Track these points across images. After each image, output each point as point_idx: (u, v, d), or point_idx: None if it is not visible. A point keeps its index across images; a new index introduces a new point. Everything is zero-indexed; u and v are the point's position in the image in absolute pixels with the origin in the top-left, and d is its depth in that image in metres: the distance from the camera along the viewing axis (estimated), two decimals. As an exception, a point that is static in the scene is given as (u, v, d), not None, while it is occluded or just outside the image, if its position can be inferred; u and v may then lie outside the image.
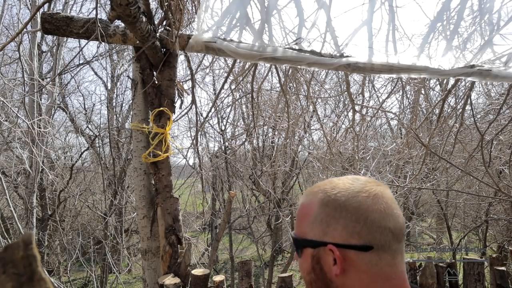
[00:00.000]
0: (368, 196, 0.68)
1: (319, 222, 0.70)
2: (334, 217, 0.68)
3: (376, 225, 0.66)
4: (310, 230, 0.71)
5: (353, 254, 0.67)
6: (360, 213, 0.67)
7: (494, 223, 6.18)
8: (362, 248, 0.66)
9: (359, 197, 0.68)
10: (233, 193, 3.04)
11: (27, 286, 0.38)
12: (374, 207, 0.67)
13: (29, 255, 0.39)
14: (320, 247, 0.69)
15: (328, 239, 0.68)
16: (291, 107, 4.91)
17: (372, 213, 0.67)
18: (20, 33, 2.46)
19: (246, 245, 11.80)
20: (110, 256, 6.29)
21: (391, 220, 0.68)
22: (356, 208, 0.67)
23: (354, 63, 1.87)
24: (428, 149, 3.20)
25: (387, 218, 0.67)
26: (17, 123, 4.55)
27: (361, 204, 0.67)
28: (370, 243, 0.66)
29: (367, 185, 0.71)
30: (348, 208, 0.68)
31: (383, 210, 0.67)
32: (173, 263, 1.71)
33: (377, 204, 0.68)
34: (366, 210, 0.67)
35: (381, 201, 0.68)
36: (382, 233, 0.66)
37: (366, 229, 0.66)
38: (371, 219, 0.67)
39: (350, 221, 0.67)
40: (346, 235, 0.67)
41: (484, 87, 5.55)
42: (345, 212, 0.68)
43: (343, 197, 0.69)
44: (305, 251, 0.72)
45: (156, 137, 1.78)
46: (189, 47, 1.82)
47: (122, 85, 9.36)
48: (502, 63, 1.99)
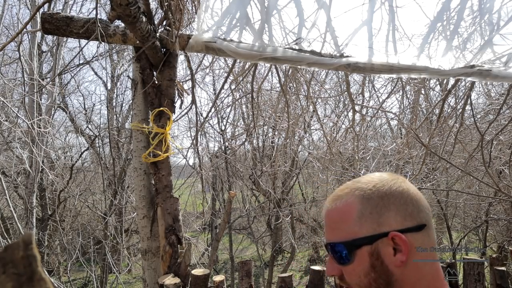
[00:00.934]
0: (402, 181, 0.72)
1: (368, 216, 0.68)
2: (384, 206, 0.68)
3: (420, 204, 0.69)
4: (360, 228, 0.68)
5: (410, 236, 0.67)
6: (406, 195, 0.69)
7: (494, 223, 6.18)
8: (418, 228, 0.67)
9: (397, 183, 0.71)
10: (233, 193, 3.04)
11: (27, 286, 0.38)
12: (412, 189, 0.71)
13: (29, 255, 0.39)
14: (378, 240, 0.67)
15: (386, 228, 0.67)
16: (291, 107, 4.91)
17: (413, 194, 0.70)
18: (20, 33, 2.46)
19: (246, 245, 11.80)
20: (110, 256, 6.29)
21: (424, 199, 0.71)
22: (400, 192, 0.69)
23: (354, 63, 1.87)
24: (428, 149, 3.20)
25: (422, 198, 0.71)
26: (17, 123, 4.55)
27: (402, 188, 0.70)
28: (422, 221, 0.68)
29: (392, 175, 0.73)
30: (394, 194, 0.69)
31: (417, 192, 0.71)
32: (173, 263, 1.71)
33: (412, 187, 0.71)
34: (408, 193, 0.69)
35: (410, 184, 0.72)
36: (424, 211, 0.70)
37: (416, 209, 0.69)
38: (415, 199, 0.69)
39: (400, 204, 0.68)
40: (401, 219, 0.67)
41: (484, 87, 5.55)
42: (392, 198, 0.68)
43: (383, 187, 0.70)
44: (360, 252, 0.68)
45: (156, 137, 1.78)
46: (189, 47, 1.82)
47: (122, 85, 9.38)
48: (502, 63, 1.99)
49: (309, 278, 1.77)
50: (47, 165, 7.30)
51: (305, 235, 10.33)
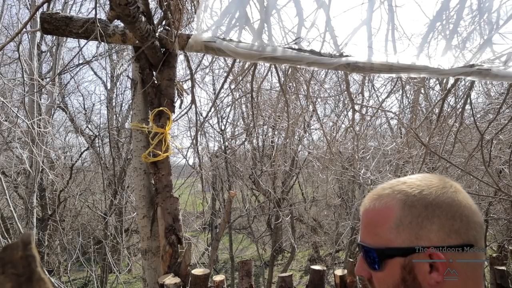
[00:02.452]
0: (455, 191, 0.63)
1: (407, 225, 0.62)
2: (427, 217, 0.61)
3: (470, 221, 0.61)
4: (396, 237, 0.62)
5: (452, 256, 0.60)
6: (455, 209, 0.61)
7: (494, 222, 6.18)
8: (462, 248, 0.60)
9: (448, 193, 0.63)
10: (233, 193, 3.04)
11: (26, 286, 0.38)
12: (464, 202, 0.63)
13: (28, 255, 0.39)
14: (414, 254, 0.61)
15: (424, 242, 0.61)
16: (291, 106, 4.91)
17: (465, 208, 0.62)
18: (19, 33, 2.46)
19: (246, 245, 11.81)
20: (110, 256, 6.30)
21: (478, 215, 0.63)
22: (450, 204, 0.61)
23: (354, 62, 1.87)
24: (428, 149, 3.20)
25: (475, 212, 0.63)
26: (17, 123, 4.55)
27: (453, 200, 0.62)
28: (469, 241, 0.61)
29: (446, 180, 0.66)
30: (442, 205, 0.61)
31: (470, 205, 0.63)
32: (173, 263, 1.71)
33: (465, 198, 0.63)
34: (459, 206, 0.62)
35: (465, 195, 0.64)
36: (475, 228, 0.62)
37: (464, 226, 0.61)
38: (466, 214, 0.61)
39: (446, 219, 0.60)
40: (444, 235, 0.60)
41: (483, 86, 5.55)
42: (438, 210, 0.61)
43: (431, 195, 0.62)
44: (391, 262, 0.63)
45: (156, 137, 1.78)
46: (188, 46, 1.82)
47: (122, 85, 9.38)
48: (501, 63, 1.99)
49: (309, 278, 1.77)
50: (47, 165, 7.30)
51: (305, 235, 10.34)
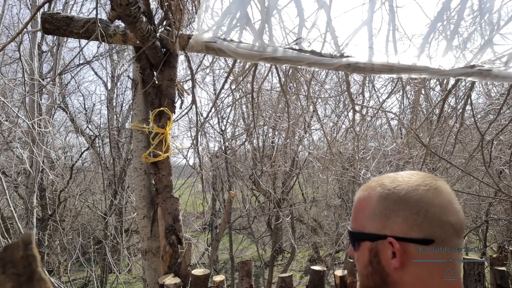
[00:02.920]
0: (429, 189, 0.68)
1: (378, 215, 0.69)
2: (394, 210, 0.68)
3: (437, 219, 0.66)
4: (368, 224, 0.71)
5: (412, 247, 0.66)
6: (421, 205, 0.66)
7: (494, 223, 6.18)
8: (423, 242, 0.65)
9: (419, 190, 0.68)
10: (233, 193, 3.04)
11: (27, 286, 0.38)
12: (435, 200, 0.67)
13: (28, 255, 0.39)
14: (379, 240, 0.69)
15: (388, 232, 0.68)
16: (291, 107, 4.91)
17: (433, 206, 0.66)
18: (20, 33, 2.46)
19: (246, 245, 11.80)
20: (110, 256, 6.29)
21: (452, 215, 0.67)
22: (417, 200, 0.67)
23: (354, 63, 1.87)
24: (428, 149, 3.20)
25: (448, 212, 0.67)
26: (17, 123, 4.55)
27: (422, 197, 0.67)
28: (431, 236, 0.65)
29: (427, 179, 0.70)
30: (409, 201, 0.67)
31: (444, 204, 0.67)
32: (173, 263, 1.71)
33: (438, 197, 0.67)
34: (426, 203, 0.66)
35: (441, 194, 0.68)
36: (443, 227, 0.66)
37: (428, 222, 0.66)
38: (432, 212, 0.66)
39: (411, 213, 0.66)
40: (406, 228, 0.66)
41: (484, 87, 5.55)
42: (405, 204, 0.67)
43: (403, 190, 0.68)
44: (363, 245, 0.72)
45: (157, 137, 1.78)
46: (189, 47, 1.82)
47: (122, 85, 9.38)
48: (502, 63, 1.99)
49: (309, 278, 1.77)
50: (47, 165, 7.30)
51: (305, 235, 10.33)
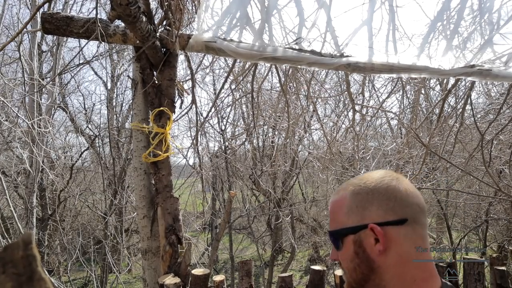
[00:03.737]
0: (392, 179, 0.78)
1: (354, 209, 0.77)
2: (368, 201, 0.76)
3: (405, 201, 0.75)
4: (348, 219, 0.78)
5: (391, 229, 0.73)
6: (390, 192, 0.75)
7: (494, 223, 6.17)
8: (399, 222, 0.74)
9: (385, 180, 0.77)
10: (233, 193, 3.04)
11: (27, 286, 0.38)
12: (399, 186, 0.76)
13: (28, 255, 0.39)
14: (361, 230, 0.75)
15: (367, 220, 0.75)
16: (291, 107, 4.91)
17: (399, 191, 0.76)
18: (20, 33, 2.46)
19: (246, 245, 11.80)
20: (110, 256, 6.29)
21: (415, 197, 0.76)
22: (385, 189, 0.76)
23: (354, 63, 1.87)
24: (428, 149, 3.20)
25: (412, 195, 0.76)
26: (17, 123, 4.55)
27: (388, 185, 0.76)
28: (404, 216, 0.74)
29: (388, 173, 0.80)
30: (379, 190, 0.76)
31: (407, 189, 0.77)
32: (173, 263, 1.71)
33: (401, 184, 0.77)
34: (394, 190, 0.76)
35: (403, 182, 0.78)
36: (411, 207, 0.75)
37: (398, 205, 0.74)
38: (400, 196, 0.75)
39: (383, 200, 0.75)
40: (383, 213, 0.74)
41: (484, 86, 5.55)
42: (376, 194, 0.76)
43: (371, 183, 0.77)
44: (346, 240, 0.78)
45: (156, 137, 1.78)
46: (189, 47, 1.81)
47: (122, 85, 9.38)
48: (502, 63, 1.99)
49: (309, 278, 1.77)
50: (47, 165, 7.29)
51: (305, 235, 10.33)
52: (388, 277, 0.74)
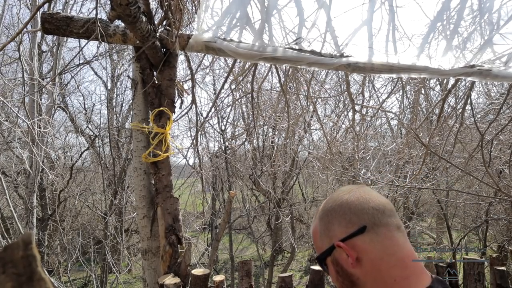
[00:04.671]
0: (345, 193, 0.82)
1: (323, 233, 0.82)
2: (330, 222, 0.81)
3: (359, 209, 0.78)
4: (322, 244, 0.83)
5: (355, 240, 0.76)
6: (343, 207, 0.79)
7: (494, 223, 6.18)
8: (359, 231, 0.76)
9: (339, 196, 0.82)
10: (233, 193, 3.03)
11: (27, 286, 0.38)
12: (351, 198, 0.80)
13: (28, 255, 0.39)
14: (332, 250, 0.80)
15: (334, 240, 0.79)
16: (291, 107, 4.91)
17: (352, 203, 0.79)
18: (20, 33, 2.46)
19: (246, 245, 11.80)
20: (110, 256, 6.29)
21: (370, 201, 0.79)
22: (339, 205, 0.80)
23: (354, 63, 1.87)
24: (428, 149, 3.19)
25: (365, 201, 0.79)
26: (17, 123, 4.55)
27: (342, 201, 0.81)
28: (362, 224, 0.77)
29: (346, 188, 0.84)
30: (335, 208, 0.81)
31: (359, 197, 0.80)
32: (173, 263, 1.71)
33: (353, 195, 0.80)
34: (347, 203, 0.79)
35: (356, 192, 0.81)
36: (367, 213, 0.77)
37: (354, 215, 0.78)
38: (353, 206, 0.78)
39: (339, 216, 0.79)
40: (343, 229, 0.78)
41: (484, 87, 5.55)
42: (333, 212, 0.81)
43: (328, 204, 0.83)
44: (328, 262, 0.82)
45: (156, 137, 1.78)
46: (189, 47, 1.82)
47: (122, 85, 9.37)
48: (502, 63, 1.99)
49: (309, 278, 1.77)
50: (47, 165, 7.30)
51: (305, 235, 10.32)
52: (368, 285, 0.76)
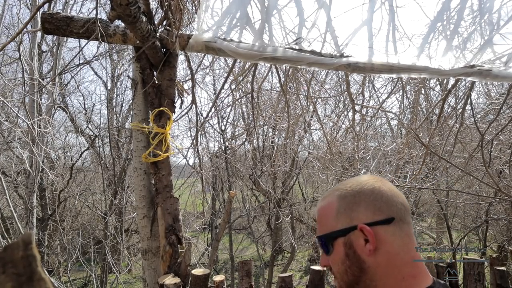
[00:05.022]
0: (376, 180, 0.81)
1: (342, 212, 0.78)
2: (355, 203, 0.78)
3: (391, 200, 0.77)
4: (337, 223, 0.79)
5: (379, 229, 0.75)
6: (376, 193, 0.78)
7: (494, 223, 6.18)
8: (386, 221, 0.75)
9: (370, 182, 0.80)
10: (233, 193, 3.03)
11: (27, 286, 0.38)
12: (383, 187, 0.79)
13: (28, 255, 0.39)
14: (350, 232, 0.77)
15: (356, 222, 0.76)
16: (291, 107, 4.91)
17: (384, 192, 0.78)
18: (20, 33, 2.46)
19: (246, 245, 11.80)
20: (110, 256, 6.29)
21: (399, 197, 0.79)
22: (371, 190, 0.78)
23: (354, 63, 1.87)
24: (428, 149, 3.19)
25: (396, 195, 0.79)
26: (17, 123, 4.55)
27: (374, 187, 0.79)
28: (391, 215, 0.76)
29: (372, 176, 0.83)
30: (365, 192, 0.78)
31: (390, 189, 0.79)
32: (173, 263, 1.71)
33: (384, 185, 0.80)
34: (379, 190, 0.78)
35: (386, 183, 0.81)
36: (397, 206, 0.77)
37: (385, 204, 0.77)
38: (386, 196, 0.78)
39: (369, 200, 0.77)
40: (371, 214, 0.76)
41: (484, 87, 5.55)
42: (363, 195, 0.78)
43: (357, 186, 0.80)
44: (336, 243, 0.79)
45: (156, 137, 1.78)
46: (189, 47, 1.82)
47: (122, 85, 9.38)
48: (502, 63, 1.99)
49: (309, 278, 1.77)
50: (47, 165, 7.30)
51: (305, 235, 10.32)
52: (378, 276, 0.74)
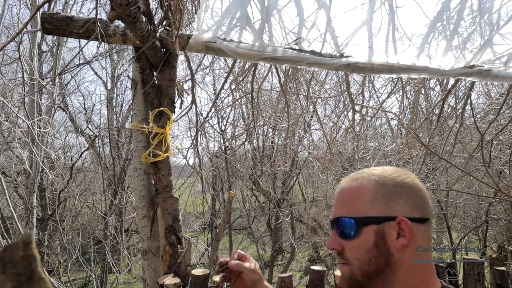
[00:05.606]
0: (414, 177, 0.77)
1: (380, 199, 0.74)
2: (395, 193, 0.74)
3: (426, 200, 0.76)
4: (371, 208, 0.74)
5: (414, 226, 0.72)
6: (416, 189, 0.75)
7: (494, 223, 6.18)
8: (421, 220, 0.73)
9: (410, 177, 0.76)
10: (233, 193, 3.03)
11: (27, 286, 0.38)
12: (422, 186, 0.77)
13: (28, 255, 0.39)
14: (386, 222, 0.73)
15: (395, 213, 0.72)
16: (291, 107, 4.91)
17: (423, 191, 0.76)
18: (20, 33, 2.46)
19: (246, 245, 11.80)
20: (110, 256, 6.29)
21: (429, 199, 0.77)
22: (412, 185, 0.75)
23: (354, 63, 1.87)
24: (428, 149, 3.19)
25: (427, 196, 0.77)
26: (17, 123, 4.55)
27: (414, 183, 0.76)
28: (426, 215, 0.74)
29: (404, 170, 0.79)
30: (406, 185, 0.74)
31: (424, 189, 0.77)
32: (173, 263, 1.71)
33: (422, 185, 0.77)
34: (419, 188, 0.75)
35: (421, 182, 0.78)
36: (430, 207, 0.76)
37: (423, 203, 0.75)
38: (424, 195, 0.76)
39: (411, 195, 0.74)
40: (409, 209, 0.73)
41: (484, 87, 5.55)
42: (404, 188, 0.74)
43: (398, 177, 0.75)
44: (366, 229, 0.74)
45: (156, 137, 1.78)
46: (189, 47, 1.82)
47: (122, 85, 9.38)
48: (502, 63, 1.99)
49: (309, 278, 1.77)
50: (47, 165, 7.30)
51: (305, 235, 10.32)
52: (400, 272, 0.72)
